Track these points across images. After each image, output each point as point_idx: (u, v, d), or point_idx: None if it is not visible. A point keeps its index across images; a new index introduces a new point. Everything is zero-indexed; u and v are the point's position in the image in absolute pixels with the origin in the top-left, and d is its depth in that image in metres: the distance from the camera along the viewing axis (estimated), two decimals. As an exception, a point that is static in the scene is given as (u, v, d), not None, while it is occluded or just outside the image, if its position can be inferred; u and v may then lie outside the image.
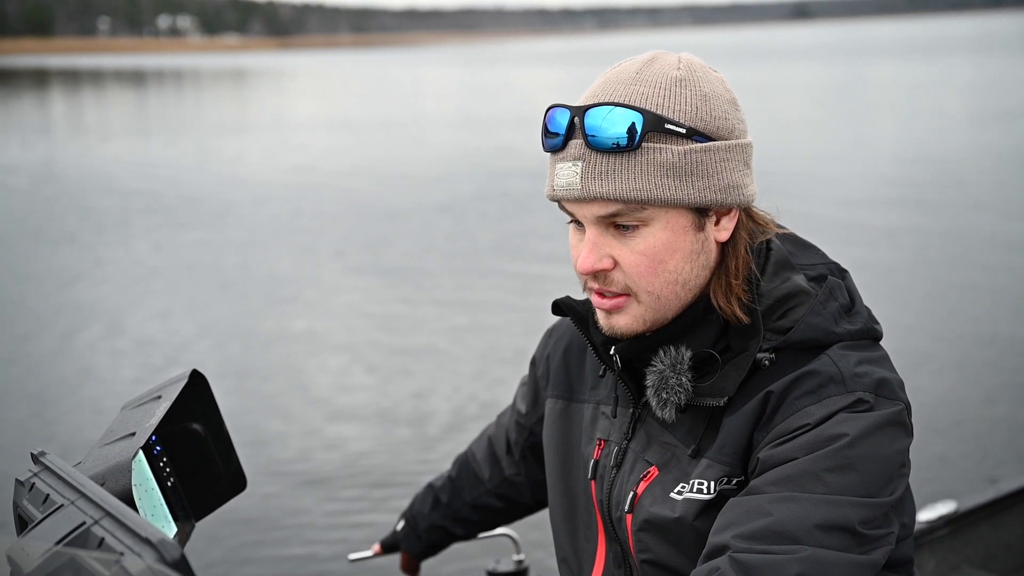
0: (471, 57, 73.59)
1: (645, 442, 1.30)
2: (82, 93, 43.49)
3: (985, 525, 2.64)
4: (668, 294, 1.23)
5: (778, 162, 15.04)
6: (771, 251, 1.28)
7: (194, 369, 1.19)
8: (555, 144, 1.21)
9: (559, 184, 1.20)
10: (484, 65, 61.75)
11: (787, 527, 1.08)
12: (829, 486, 1.11)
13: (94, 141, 22.75)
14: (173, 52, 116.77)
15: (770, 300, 1.24)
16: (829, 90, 32.02)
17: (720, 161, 1.20)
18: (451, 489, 1.75)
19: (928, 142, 17.18)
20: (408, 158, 17.77)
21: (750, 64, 50.12)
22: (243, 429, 5.62)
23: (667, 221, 1.19)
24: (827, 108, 25.64)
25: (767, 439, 1.17)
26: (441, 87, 42.84)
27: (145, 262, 10.27)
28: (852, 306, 1.26)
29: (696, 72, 1.22)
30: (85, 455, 1.08)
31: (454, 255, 10.13)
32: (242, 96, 40.70)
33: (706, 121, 1.19)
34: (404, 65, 67.43)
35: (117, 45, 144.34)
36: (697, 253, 1.23)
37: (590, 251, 1.21)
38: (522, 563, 1.96)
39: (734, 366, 1.22)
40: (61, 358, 7.23)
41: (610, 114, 1.16)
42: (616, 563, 1.34)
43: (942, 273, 8.75)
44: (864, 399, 1.16)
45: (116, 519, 0.85)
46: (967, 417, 5.57)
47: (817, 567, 1.07)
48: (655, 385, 1.25)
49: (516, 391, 1.67)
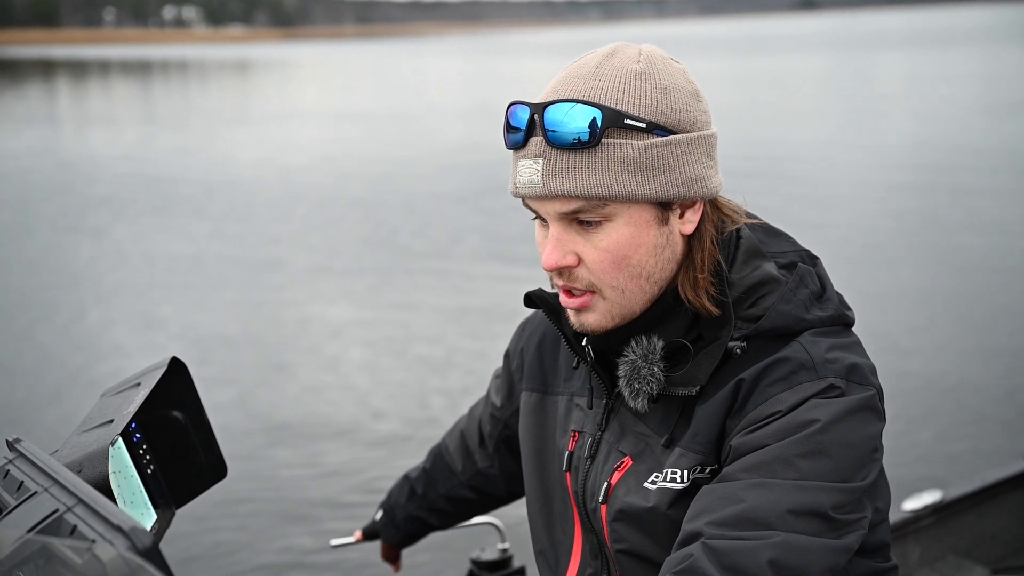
0: (476, 48, 73.48)
1: (619, 433, 1.30)
2: (88, 84, 43.51)
3: (970, 515, 2.65)
4: (633, 288, 1.23)
5: (785, 151, 15.01)
6: (741, 240, 1.29)
7: (174, 356, 1.20)
8: (516, 141, 1.21)
9: (521, 182, 1.21)
10: (489, 56, 61.64)
11: (759, 513, 1.09)
12: (801, 472, 1.12)
13: (101, 131, 22.77)
14: (179, 43, 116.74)
15: (740, 289, 1.24)
16: (837, 80, 31.91)
17: (682, 154, 1.20)
18: (426, 480, 1.76)
19: (938, 132, 17.12)
20: (414, 148, 17.76)
21: (757, 55, 49.96)
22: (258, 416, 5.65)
23: (630, 216, 1.19)
24: (835, 99, 25.54)
25: (739, 426, 1.18)
26: (446, 78, 42.78)
27: (156, 252, 10.29)
28: (823, 292, 1.27)
29: (656, 65, 1.22)
30: (63, 443, 1.09)
31: (469, 243, 10.14)
32: (247, 87, 40.69)
33: (667, 114, 1.19)
34: (409, 56, 67.32)
35: (123, 36, 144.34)
36: (662, 247, 1.23)
37: (554, 248, 1.21)
38: (506, 551, 1.98)
39: (706, 355, 1.22)
40: (71, 342, 7.27)
41: (570, 111, 1.16)
42: (592, 554, 1.35)
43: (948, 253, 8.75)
44: (835, 385, 1.17)
45: (89, 506, 0.85)
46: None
47: (790, 552, 1.08)
48: (627, 375, 1.25)
49: (490, 383, 1.68)
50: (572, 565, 1.38)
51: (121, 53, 75.94)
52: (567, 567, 1.39)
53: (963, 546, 2.64)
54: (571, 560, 1.38)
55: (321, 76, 47.08)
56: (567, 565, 1.39)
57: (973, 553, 2.65)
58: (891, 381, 5.99)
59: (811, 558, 1.09)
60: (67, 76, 48.35)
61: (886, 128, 18.80)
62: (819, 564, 1.09)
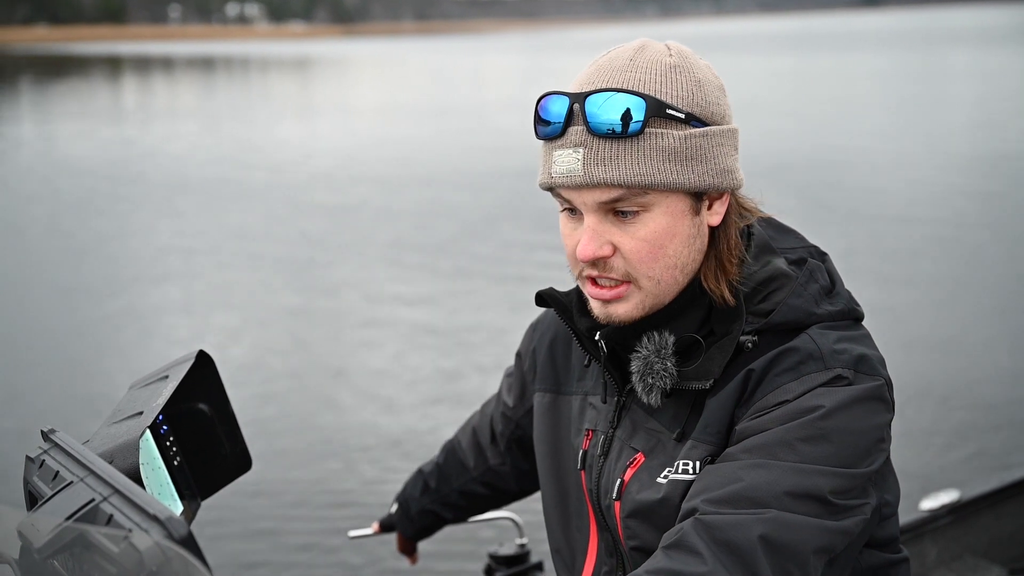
0: (534, 45, 73.23)
1: (631, 429, 1.31)
2: (153, 79, 44.31)
3: (988, 514, 2.62)
4: (667, 279, 1.24)
5: (846, 142, 14.76)
6: (752, 235, 1.30)
7: (201, 350, 1.23)
8: (553, 131, 1.21)
9: (558, 171, 1.20)
10: (547, 53, 61.39)
11: (756, 492, 1.10)
12: (801, 455, 1.12)
13: (167, 124, 23.20)
14: (241, 39, 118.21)
15: (752, 284, 1.26)
16: (902, 79, 31.26)
17: (716, 146, 1.21)
18: (439, 475, 1.78)
19: (1008, 130, 16.72)
20: (469, 144, 17.80)
21: (819, 52, 49.10)
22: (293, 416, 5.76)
23: (667, 206, 1.21)
24: (900, 96, 25.04)
25: (746, 414, 1.19)
26: (503, 74, 42.74)
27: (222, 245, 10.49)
28: (832, 288, 1.28)
29: (688, 59, 1.24)
30: (93, 434, 1.13)
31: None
32: (307, 82, 41.08)
33: (701, 107, 1.21)
34: (467, 53, 67.35)
35: (187, 33, 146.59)
36: (694, 237, 1.24)
37: (591, 238, 1.21)
38: (524, 547, 1.99)
39: (718, 349, 1.23)
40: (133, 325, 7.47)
41: (611, 100, 1.17)
42: (608, 552, 1.36)
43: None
44: (843, 375, 1.18)
45: (125, 496, 0.87)
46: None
47: (782, 529, 1.08)
48: (640, 371, 1.26)
49: (501, 382, 1.69)
50: (588, 563, 1.39)
51: (186, 49, 77.10)
52: (583, 565, 1.40)
53: (980, 546, 2.62)
54: (587, 558, 1.39)
55: (380, 73, 47.35)
56: (583, 563, 1.40)
57: (990, 553, 2.62)
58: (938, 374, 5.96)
59: (804, 536, 1.09)
60: (133, 72, 49.28)
61: (953, 123, 18.38)
62: (812, 543, 1.09)
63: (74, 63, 56.84)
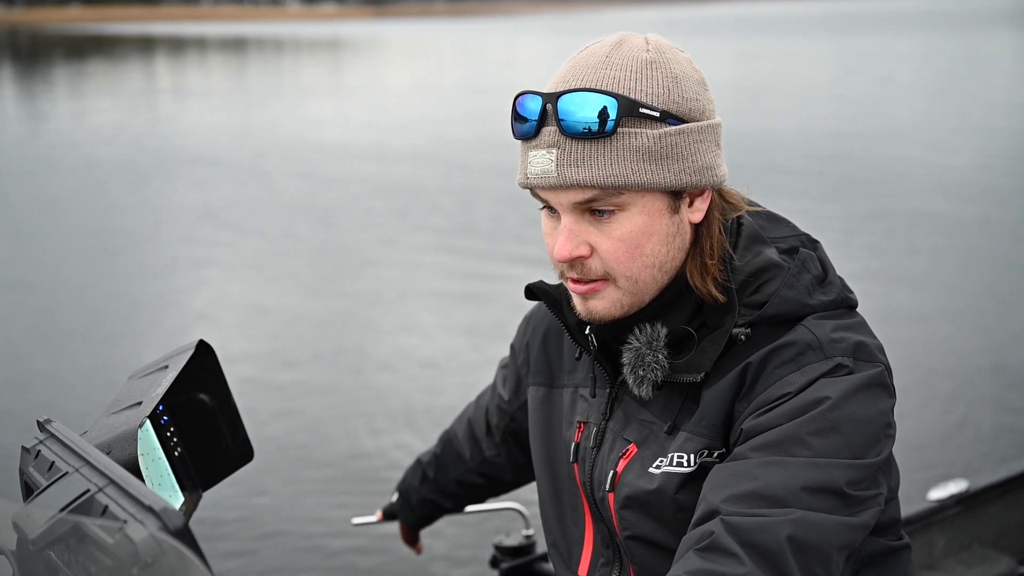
0: (566, 27, 72.86)
1: (623, 421, 1.32)
2: (186, 59, 44.62)
3: (997, 504, 2.60)
4: (646, 278, 1.24)
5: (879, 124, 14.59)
6: (742, 227, 1.29)
7: (201, 339, 1.22)
8: (527, 131, 1.21)
9: (533, 172, 1.20)
10: (579, 36, 61.17)
11: (774, 491, 1.10)
12: (813, 449, 1.12)
13: (198, 104, 23.36)
14: (273, 20, 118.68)
15: (743, 275, 1.25)
16: (942, 60, 30.89)
17: (694, 143, 1.20)
18: (437, 465, 1.80)
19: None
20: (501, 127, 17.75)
21: (859, 33, 48.49)
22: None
23: (643, 205, 1.20)
24: (939, 78, 24.72)
25: (749, 409, 1.18)
26: (535, 56, 42.61)
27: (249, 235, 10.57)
28: (825, 276, 1.27)
29: (665, 54, 1.22)
30: (91, 424, 1.12)
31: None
32: (339, 63, 41.19)
33: (678, 103, 1.20)
34: (499, 34, 67.18)
35: (219, 13, 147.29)
36: (673, 236, 1.24)
37: (567, 239, 1.21)
38: (530, 537, 2.00)
39: (710, 342, 1.23)
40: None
41: (583, 100, 1.16)
42: (604, 543, 1.36)
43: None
44: (843, 364, 1.17)
45: (120, 487, 0.87)
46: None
47: (808, 528, 1.08)
48: (631, 363, 1.26)
49: (496, 373, 1.69)
50: (584, 556, 1.40)
51: (218, 30, 77.52)
52: (580, 558, 1.40)
53: (989, 536, 2.60)
54: (583, 551, 1.40)
55: (411, 54, 47.39)
56: (580, 556, 1.40)
57: (999, 543, 2.61)
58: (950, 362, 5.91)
59: (828, 535, 1.09)
60: (166, 52, 49.65)
61: (990, 104, 18.11)
62: (836, 541, 1.10)
63: (108, 43, 57.33)
